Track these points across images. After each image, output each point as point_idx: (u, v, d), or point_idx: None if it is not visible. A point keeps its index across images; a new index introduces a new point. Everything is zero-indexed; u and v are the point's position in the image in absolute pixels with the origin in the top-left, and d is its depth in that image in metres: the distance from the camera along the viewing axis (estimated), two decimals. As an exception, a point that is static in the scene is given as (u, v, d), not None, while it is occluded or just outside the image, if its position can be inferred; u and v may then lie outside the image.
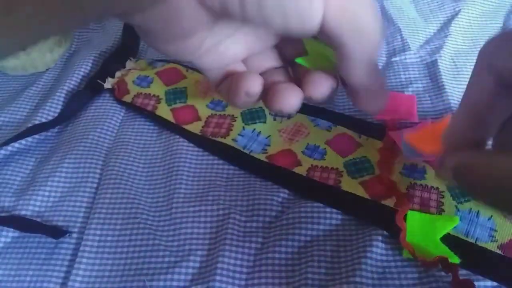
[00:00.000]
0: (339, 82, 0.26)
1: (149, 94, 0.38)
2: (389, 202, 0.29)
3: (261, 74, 0.27)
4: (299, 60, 0.26)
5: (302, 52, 0.27)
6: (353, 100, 0.26)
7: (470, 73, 0.22)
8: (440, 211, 0.28)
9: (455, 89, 0.36)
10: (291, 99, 0.26)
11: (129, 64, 0.41)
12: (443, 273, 0.25)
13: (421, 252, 0.26)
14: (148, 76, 0.39)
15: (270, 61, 0.28)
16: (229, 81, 0.27)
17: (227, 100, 0.28)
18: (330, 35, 0.22)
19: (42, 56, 0.42)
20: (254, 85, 0.26)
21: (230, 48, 0.27)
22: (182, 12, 0.23)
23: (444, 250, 0.26)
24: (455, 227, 0.27)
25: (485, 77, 0.22)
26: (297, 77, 0.28)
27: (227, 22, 0.25)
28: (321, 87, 0.26)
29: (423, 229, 0.27)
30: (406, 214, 0.27)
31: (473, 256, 0.26)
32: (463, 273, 0.26)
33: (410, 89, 0.37)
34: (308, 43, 0.26)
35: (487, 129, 0.24)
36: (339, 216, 0.29)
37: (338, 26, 0.22)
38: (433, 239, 0.27)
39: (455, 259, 0.26)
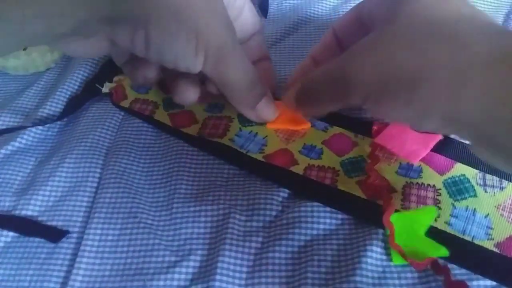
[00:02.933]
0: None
1: (147, 100, 0.37)
2: None
3: None
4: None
5: None
6: None
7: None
8: (437, 209, 0.28)
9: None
10: (189, 92, 0.30)
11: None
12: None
13: (411, 252, 0.26)
14: None
15: None
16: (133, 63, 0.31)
17: (130, 79, 0.34)
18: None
19: (43, 56, 0.42)
20: (151, 73, 0.30)
21: None
22: None
23: (430, 244, 0.26)
24: (451, 225, 0.27)
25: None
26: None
27: None
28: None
29: (406, 228, 0.27)
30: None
31: (470, 254, 0.26)
32: (462, 272, 0.26)
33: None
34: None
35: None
36: (339, 216, 0.29)
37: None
38: (417, 234, 0.27)
39: (443, 251, 0.26)
